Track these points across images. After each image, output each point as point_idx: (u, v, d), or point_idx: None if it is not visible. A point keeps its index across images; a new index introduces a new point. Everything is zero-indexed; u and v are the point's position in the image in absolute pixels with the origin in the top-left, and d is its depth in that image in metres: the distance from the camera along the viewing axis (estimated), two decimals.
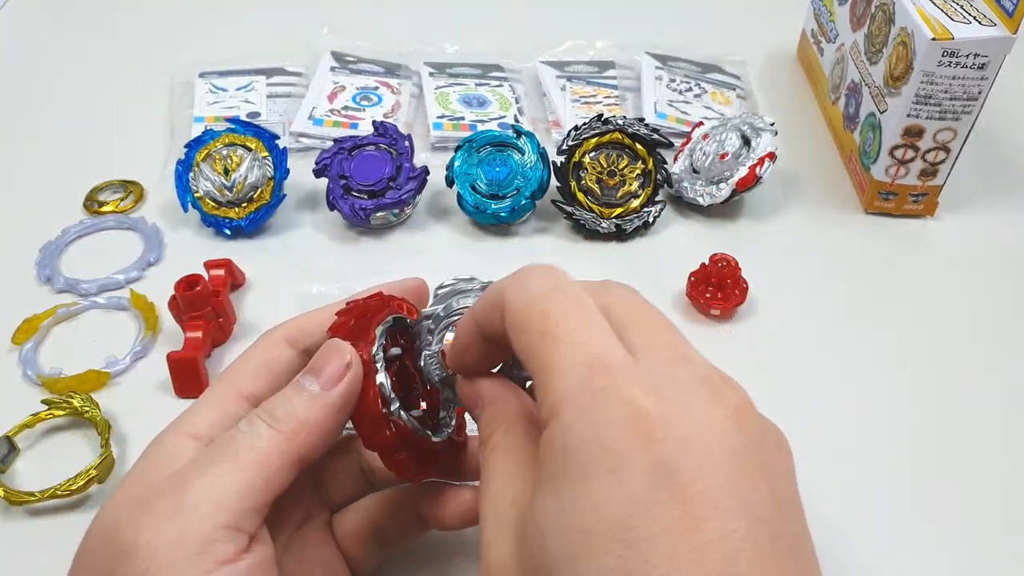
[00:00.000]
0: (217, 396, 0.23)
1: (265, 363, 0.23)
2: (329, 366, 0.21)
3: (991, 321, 0.38)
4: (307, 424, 0.20)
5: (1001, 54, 0.36)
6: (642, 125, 0.42)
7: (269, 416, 0.21)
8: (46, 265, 0.39)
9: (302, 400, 0.21)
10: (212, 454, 0.20)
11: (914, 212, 0.43)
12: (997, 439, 0.33)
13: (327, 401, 0.21)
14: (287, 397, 0.21)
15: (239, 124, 0.42)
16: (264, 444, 0.20)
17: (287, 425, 0.20)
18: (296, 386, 0.21)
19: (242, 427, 0.21)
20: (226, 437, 0.21)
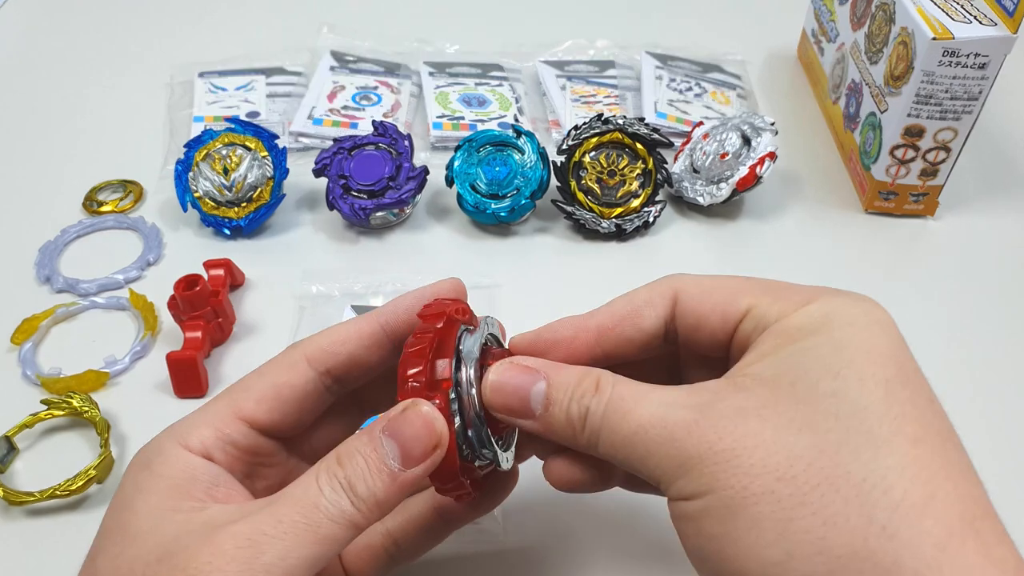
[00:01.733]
0: (215, 414, 0.22)
1: (275, 387, 0.22)
2: (417, 446, 0.19)
3: (992, 320, 0.38)
4: (384, 505, 0.19)
5: (1002, 54, 0.36)
6: (642, 125, 0.42)
7: (351, 491, 0.19)
8: (45, 265, 0.39)
9: (383, 481, 0.19)
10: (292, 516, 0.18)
11: (914, 212, 0.43)
12: (997, 438, 0.33)
13: (406, 480, 0.19)
14: (370, 474, 0.19)
15: (239, 124, 0.41)
16: (344, 520, 0.19)
17: (366, 506, 0.19)
18: (380, 459, 0.19)
19: (326, 495, 0.19)
20: (307, 501, 0.19)
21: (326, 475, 0.19)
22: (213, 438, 0.21)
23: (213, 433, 0.21)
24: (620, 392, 0.19)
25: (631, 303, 0.21)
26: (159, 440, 0.21)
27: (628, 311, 0.21)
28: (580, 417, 0.19)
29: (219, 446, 0.21)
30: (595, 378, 0.20)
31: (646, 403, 0.19)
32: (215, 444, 0.21)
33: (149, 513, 0.19)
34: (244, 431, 0.22)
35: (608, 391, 0.19)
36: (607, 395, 0.19)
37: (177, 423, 0.22)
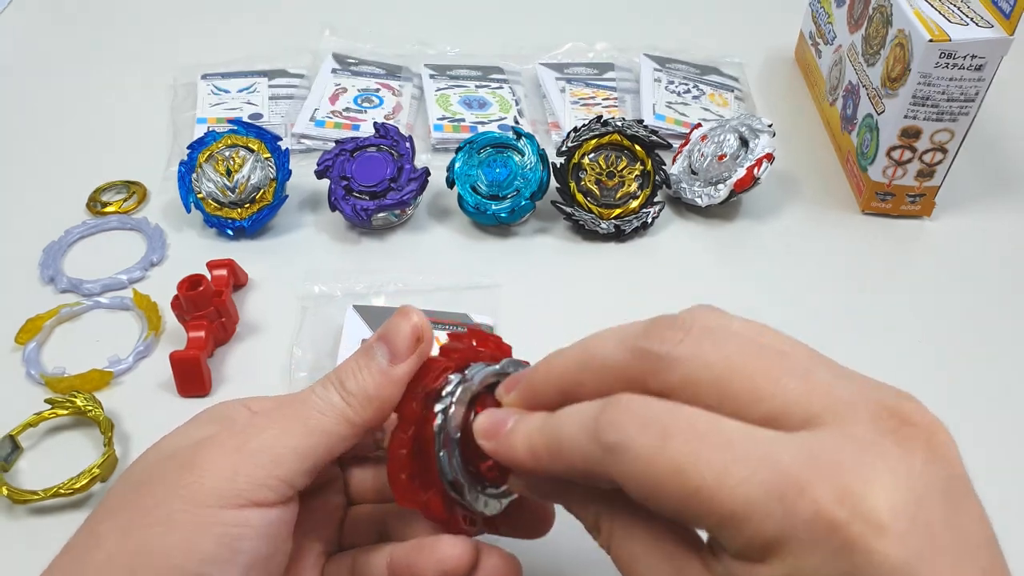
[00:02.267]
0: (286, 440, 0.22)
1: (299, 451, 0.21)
2: (401, 339, 0.21)
3: (988, 321, 0.38)
4: (375, 401, 0.21)
5: (998, 55, 0.37)
6: (641, 127, 0.42)
7: (341, 386, 0.21)
8: (49, 265, 0.39)
9: (372, 376, 0.21)
10: (284, 411, 0.21)
11: (911, 213, 0.43)
12: (996, 439, 0.33)
13: (396, 375, 0.21)
14: (359, 370, 0.21)
15: (241, 125, 0.42)
16: (334, 414, 0.21)
17: (356, 400, 0.21)
18: (368, 356, 0.21)
19: (317, 391, 0.21)
20: (299, 397, 0.21)
21: (320, 381, 0.21)
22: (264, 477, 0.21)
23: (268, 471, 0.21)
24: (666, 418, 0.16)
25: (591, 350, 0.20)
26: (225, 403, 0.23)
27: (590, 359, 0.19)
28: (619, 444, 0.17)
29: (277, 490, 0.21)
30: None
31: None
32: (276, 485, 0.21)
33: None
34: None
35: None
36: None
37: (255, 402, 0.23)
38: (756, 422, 0.16)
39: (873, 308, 0.39)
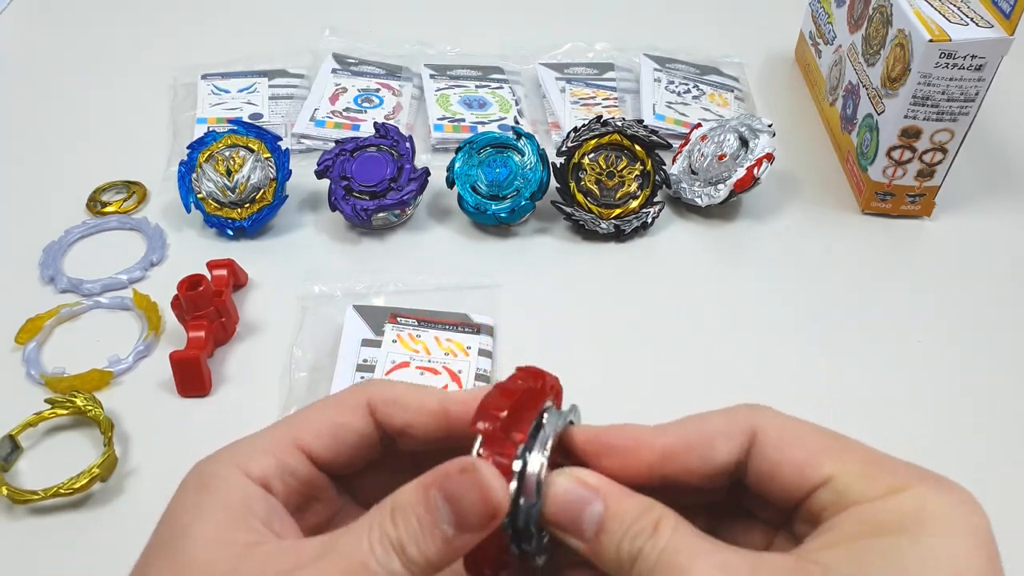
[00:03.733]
0: (276, 441, 0.21)
1: (335, 425, 0.21)
2: (473, 514, 0.18)
3: (988, 321, 0.38)
4: (434, 568, 0.18)
5: (998, 55, 0.37)
6: (641, 127, 0.42)
7: (402, 552, 0.18)
8: (49, 265, 0.39)
9: (436, 545, 0.18)
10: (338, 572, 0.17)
11: (911, 213, 0.43)
12: (996, 438, 0.33)
13: (459, 546, 0.18)
14: (422, 535, 0.18)
15: (241, 125, 0.42)
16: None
17: (417, 568, 0.18)
18: (431, 518, 0.18)
19: (377, 554, 0.18)
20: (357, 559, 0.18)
21: (378, 532, 0.18)
22: (274, 467, 0.20)
23: (274, 462, 0.20)
24: (678, 543, 0.17)
25: (704, 430, 0.19)
26: (218, 462, 0.20)
27: (700, 439, 0.19)
28: (631, 557, 0.18)
29: (279, 476, 0.20)
30: (655, 517, 0.18)
31: (704, 564, 0.17)
32: (275, 474, 0.20)
33: (206, 543, 0.18)
34: (303, 462, 0.21)
35: (665, 536, 0.18)
36: (663, 541, 0.17)
37: (237, 445, 0.21)
38: None
39: (873, 308, 0.39)
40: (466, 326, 0.36)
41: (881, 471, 0.18)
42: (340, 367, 0.34)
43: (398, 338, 0.35)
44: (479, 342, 0.35)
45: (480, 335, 0.35)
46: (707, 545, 0.18)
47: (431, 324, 0.35)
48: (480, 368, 0.34)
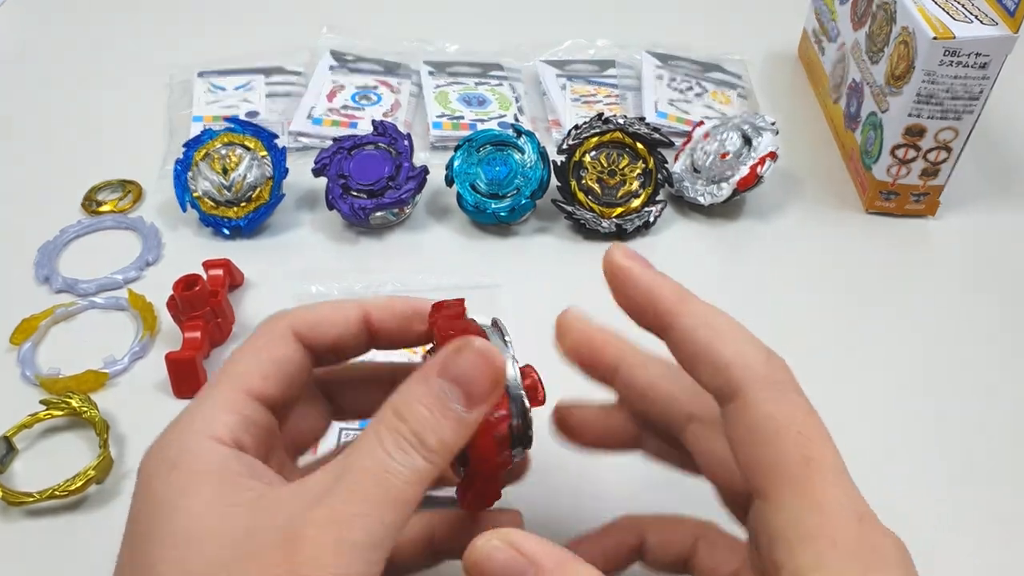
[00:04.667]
0: (231, 396, 0.20)
1: (275, 361, 0.21)
2: (479, 383, 0.18)
3: (993, 320, 0.38)
4: (454, 451, 0.18)
5: (1003, 53, 0.36)
6: (643, 124, 0.42)
7: (422, 445, 0.18)
8: (44, 265, 0.39)
9: (452, 427, 0.18)
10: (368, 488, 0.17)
11: (915, 212, 0.43)
12: (998, 439, 0.32)
13: (471, 422, 0.18)
14: (437, 422, 0.18)
15: (238, 123, 0.41)
16: (421, 479, 0.18)
17: (439, 456, 0.18)
18: (442, 404, 0.18)
19: (395, 457, 0.17)
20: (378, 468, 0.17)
21: (389, 434, 0.18)
22: (239, 423, 0.20)
23: (237, 418, 0.20)
24: None
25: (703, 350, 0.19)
26: (180, 437, 0.19)
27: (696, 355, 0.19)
28: None
29: (246, 431, 0.20)
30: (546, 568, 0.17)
31: None
32: (242, 429, 0.20)
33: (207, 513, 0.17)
34: (260, 409, 0.20)
35: None
36: None
37: (187, 415, 0.20)
38: None
39: (877, 307, 0.38)
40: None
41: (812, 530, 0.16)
42: None
43: None
44: None
45: None
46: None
47: None
48: None
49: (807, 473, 0.17)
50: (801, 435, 0.17)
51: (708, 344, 0.19)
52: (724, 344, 0.19)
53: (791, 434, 0.17)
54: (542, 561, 0.17)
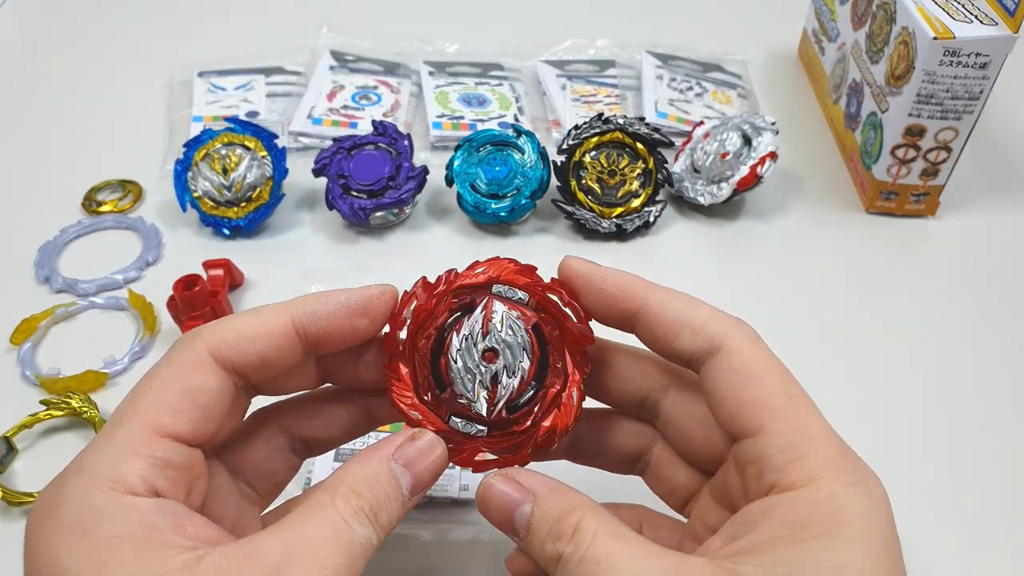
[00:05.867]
0: (136, 436, 0.18)
1: (187, 392, 0.19)
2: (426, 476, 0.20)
3: (992, 320, 0.38)
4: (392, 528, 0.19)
5: (1003, 53, 0.36)
6: (643, 124, 0.42)
7: (376, 522, 0.19)
8: (44, 265, 0.39)
9: (398, 509, 0.19)
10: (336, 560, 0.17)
11: (915, 212, 0.43)
12: (999, 438, 0.33)
13: (410, 506, 0.20)
14: (390, 502, 0.19)
15: (238, 123, 0.41)
16: (370, 552, 0.18)
17: (385, 533, 0.19)
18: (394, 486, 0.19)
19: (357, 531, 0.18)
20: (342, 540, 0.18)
21: (350, 508, 0.18)
22: (148, 467, 0.18)
23: (145, 461, 0.18)
24: (596, 551, 0.18)
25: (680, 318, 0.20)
26: (82, 491, 0.17)
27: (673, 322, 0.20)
28: (554, 559, 0.18)
29: (159, 475, 0.18)
30: (575, 520, 0.18)
31: (622, 571, 0.17)
32: (153, 473, 0.18)
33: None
34: (173, 447, 0.18)
35: (586, 543, 0.18)
36: (583, 548, 0.18)
37: (87, 461, 0.18)
38: None
39: (877, 307, 0.38)
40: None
41: (803, 451, 0.18)
42: None
43: None
44: None
45: None
46: (626, 551, 0.18)
47: None
48: None
49: (793, 406, 0.19)
50: (782, 375, 0.19)
51: (685, 312, 0.20)
52: (698, 310, 0.20)
53: (774, 375, 0.19)
54: (536, 489, 0.19)
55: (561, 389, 0.21)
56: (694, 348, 0.20)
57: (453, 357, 0.21)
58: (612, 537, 0.18)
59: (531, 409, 0.21)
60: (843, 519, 0.17)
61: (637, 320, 0.21)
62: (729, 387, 0.19)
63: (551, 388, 0.21)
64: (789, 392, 0.19)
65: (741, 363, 0.19)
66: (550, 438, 0.21)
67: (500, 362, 0.21)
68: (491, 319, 0.21)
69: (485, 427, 0.21)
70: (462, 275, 0.22)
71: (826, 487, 0.18)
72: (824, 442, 0.18)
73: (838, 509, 0.17)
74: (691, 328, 0.20)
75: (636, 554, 0.17)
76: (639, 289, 0.21)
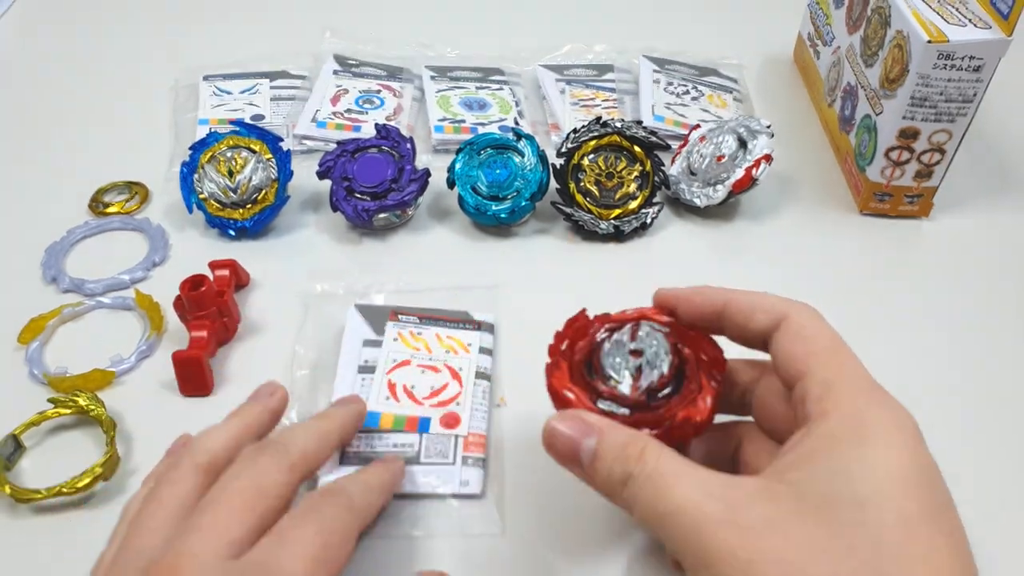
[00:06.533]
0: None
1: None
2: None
3: (986, 321, 0.38)
4: None
5: (996, 56, 0.37)
6: (640, 128, 0.42)
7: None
8: (52, 265, 0.40)
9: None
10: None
11: (909, 213, 0.43)
12: (995, 439, 0.33)
13: None
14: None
15: (243, 126, 0.42)
16: None
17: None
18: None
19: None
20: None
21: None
22: None
23: None
24: (662, 468, 0.21)
25: (753, 303, 0.24)
26: None
27: (747, 308, 0.24)
28: (622, 479, 0.21)
29: None
30: (641, 446, 0.21)
31: (684, 485, 0.20)
32: None
33: None
34: None
35: (652, 463, 0.21)
36: (650, 466, 0.21)
37: None
38: None
39: (871, 309, 0.39)
40: (467, 323, 0.36)
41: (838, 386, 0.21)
42: (342, 370, 0.34)
43: (399, 336, 0.35)
44: (480, 339, 0.35)
45: (481, 332, 0.35)
46: (688, 468, 0.21)
47: (432, 321, 0.36)
48: (481, 366, 0.34)
49: (834, 353, 0.22)
50: (832, 338, 0.23)
51: (757, 299, 0.24)
52: (767, 297, 0.25)
53: (824, 335, 0.23)
54: (600, 425, 0.22)
55: (696, 393, 0.24)
56: (765, 324, 0.24)
57: (605, 351, 0.25)
58: (675, 459, 0.21)
59: (669, 401, 0.24)
60: (870, 431, 0.20)
61: (723, 317, 0.25)
62: (786, 345, 0.23)
63: (688, 391, 0.24)
64: (834, 346, 0.22)
65: (798, 328, 0.23)
66: (684, 427, 0.23)
67: (644, 358, 0.25)
68: (638, 331, 0.25)
69: (628, 408, 0.24)
70: (615, 315, 0.27)
71: (855, 408, 0.20)
72: (857, 379, 0.21)
73: (865, 422, 0.20)
74: (762, 309, 0.24)
75: (696, 470, 0.20)
76: (720, 293, 0.25)
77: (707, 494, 0.19)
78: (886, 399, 0.21)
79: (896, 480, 0.19)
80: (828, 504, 0.19)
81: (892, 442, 0.20)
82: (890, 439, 0.20)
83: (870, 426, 0.20)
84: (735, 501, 0.19)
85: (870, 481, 0.19)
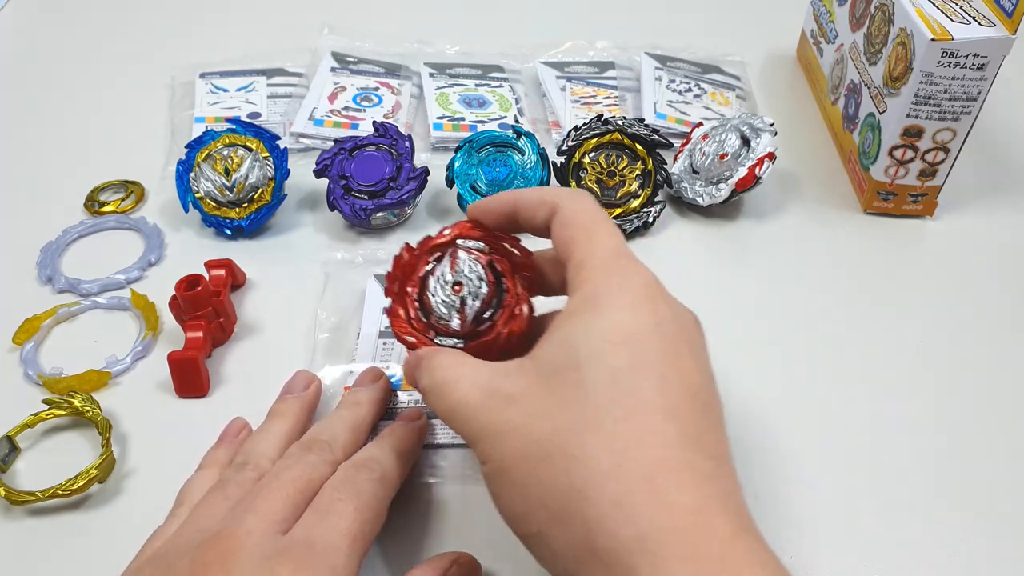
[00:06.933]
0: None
1: None
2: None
3: (990, 321, 0.38)
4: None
5: (1000, 54, 0.36)
6: (642, 125, 0.42)
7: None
8: (47, 265, 0.39)
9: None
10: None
11: (913, 212, 0.43)
12: (997, 439, 0.33)
13: None
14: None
15: (240, 124, 0.42)
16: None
17: None
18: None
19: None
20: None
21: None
22: None
23: None
24: (438, 375, 0.24)
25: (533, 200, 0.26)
26: None
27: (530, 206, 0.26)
28: (423, 394, 0.25)
29: None
30: (419, 360, 0.25)
31: (459, 384, 0.23)
32: None
33: None
34: None
35: (432, 373, 0.24)
36: (434, 375, 0.24)
37: None
38: None
39: (875, 308, 0.39)
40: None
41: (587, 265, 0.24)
42: (365, 331, 0.35)
43: None
44: None
45: None
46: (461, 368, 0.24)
47: None
48: None
49: (590, 237, 0.25)
50: (589, 219, 0.25)
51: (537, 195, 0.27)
52: (546, 191, 0.27)
53: (582, 218, 0.25)
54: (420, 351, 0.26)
55: (514, 305, 0.27)
56: (544, 216, 0.26)
57: (432, 292, 0.27)
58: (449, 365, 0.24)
59: (493, 322, 0.27)
60: (603, 299, 0.23)
61: (517, 219, 0.27)
62: (557, 232, 0.25)
63: (508, 304, 0.27)
64: (590, 228, 0.25)
65: (565, 216, 0.25)
66: (510, 340, 0.26)
67: (465, 290, 0.27)
68: (456, 262, 0.27)
69: (461, 339, 0.27)
70: (434, 237, 0.28)
71: (595, 282, 0.23)
72: (604, 253, 0.24)
73: (599, 292, 0.23)
74: (541, 203, 0.26)
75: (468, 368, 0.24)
76: (510, 195, 0.27)
77: (473, 385, 0.23)
78: (626, 267, 0.23)
79: (611, 341, 0.21)
80: (554, 371, 0.22)
81: (619, 305, 0.22)
82: (620, 303, 0.22)
83: (603, 295, 0.23)
84: (494, 386, 0.23)
85: (588, 345, 0.21)
